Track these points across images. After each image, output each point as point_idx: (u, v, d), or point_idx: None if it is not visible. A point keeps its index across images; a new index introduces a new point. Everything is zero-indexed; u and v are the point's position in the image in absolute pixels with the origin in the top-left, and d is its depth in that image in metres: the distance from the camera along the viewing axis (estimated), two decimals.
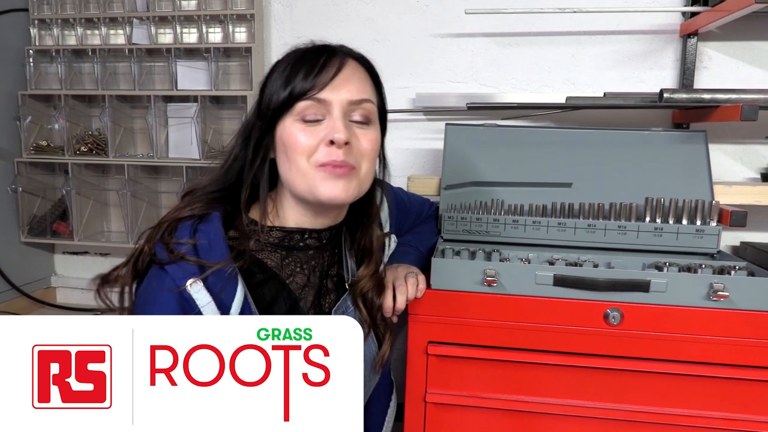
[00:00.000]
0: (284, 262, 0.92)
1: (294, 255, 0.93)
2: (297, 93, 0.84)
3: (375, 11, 1.74)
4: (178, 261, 0.80)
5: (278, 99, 0.86)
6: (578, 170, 1.39)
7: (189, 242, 0.82)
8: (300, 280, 0.93)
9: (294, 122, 0.85)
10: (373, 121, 0.90)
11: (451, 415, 1.15)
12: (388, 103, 1.70)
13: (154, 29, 1.80)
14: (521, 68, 1.69)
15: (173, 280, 0.79)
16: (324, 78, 0.84)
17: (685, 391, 1.06)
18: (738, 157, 1.62)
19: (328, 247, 0.97)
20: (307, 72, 0.85)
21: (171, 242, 0.82)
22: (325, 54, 0.87)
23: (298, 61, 0.87)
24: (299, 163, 0.85)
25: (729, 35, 1.56)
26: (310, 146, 0.84)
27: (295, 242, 0.93)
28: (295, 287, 0.92)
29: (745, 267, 1.13)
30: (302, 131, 0.85)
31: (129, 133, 1.90)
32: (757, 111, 1.22)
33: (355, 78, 0.88)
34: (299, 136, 0.85)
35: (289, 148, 0.86)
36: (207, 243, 0.83)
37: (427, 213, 1.36)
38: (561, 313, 1.08)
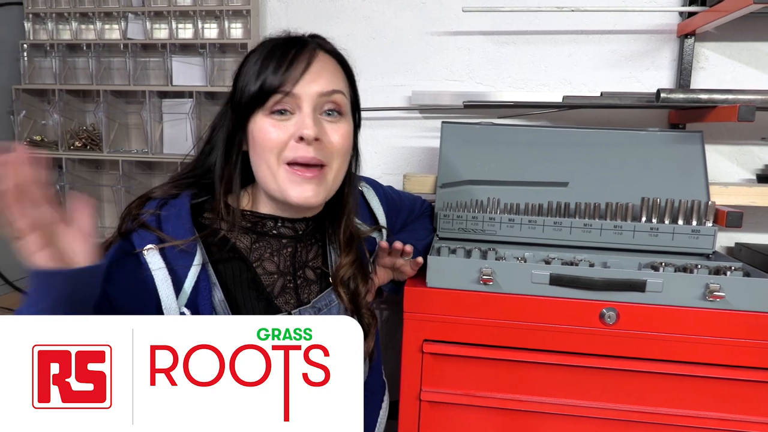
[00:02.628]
0: (254, 245, 0.92)
1: (265, 240, 0.93)
2: (267, 87, 0.84)
3: (371, 8, 1.73)
4: (138, 228, 0.82)
5: (249, 93, 0.85)
6: (575, 170, 1.40)
7: (151, 212, 0.85)
8: (269, 266, 0.92)
9: (264, 117, 0.85)
10: (344, 113, 0.90)
11: (446, 414, 1.15)
12: (383, 100, 1.72)
13: (149, 24, 1.79)
14: (518, 67, 1.69)
15: (132, 246, 0.81)
16: (294, 73, 0.84)
17: (680, 391, 1.07)
18: (734, 158, 1.63)
19: (305, 238, 0.97)
20: (277, 65, 0.84)
21: (138, 212, 0.85)
22: (295, 47, 0.86)
23: (269, 53, 0.86)
24: (269, 160, 0.85)
25: (726, 36, 1.56)
26: (280, 142, 0.84)
27: (267, 228, 0.93)
28: (263, 272, 0.91)
29: (741, 268, 1.14)
30: (273, 126, 0.85)
31: (123, 129, 1.88)
32: (754, 112, 1.23)
33: (325, 71, 0.87)
34: (269, 131, 0.85)
35: (259, 144, 0.85)
36: (170, 215, 0.85)
37: (419, 211, 1.36)
38: (557, 312, 1.08)
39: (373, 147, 1.76)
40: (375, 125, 1.74)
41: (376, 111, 1.70)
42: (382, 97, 1.73)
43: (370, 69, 1.73)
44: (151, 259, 0.80)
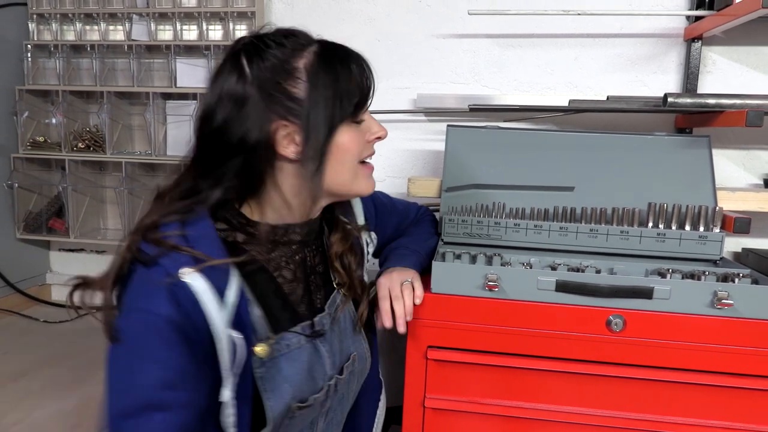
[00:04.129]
0: (271, 255, 0.90)
1: (280, 249, 0.92)
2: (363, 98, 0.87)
3: (377, 10, 1.73)
4: (170, 252, 0.77)
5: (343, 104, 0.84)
6: (580, 174, 1.38)
7: (178, 233, 0.79)
8: (287, 275, 0.92)
9: (350, 125, 0.86)
10: None
11: (450, 421, 1.14)
12: (388, 103, 1.71)
13: (153, 26, 1.79)
14: (523, 70, 1.68)
15: (165, 270, 0.75)
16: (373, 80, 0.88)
17: (687, 399, 1.05)
18: (741, 163, 1.62)
19: (309, 243, 0.97)
20: (364, 74, 0.86)
21: (158, 236, 0.78)
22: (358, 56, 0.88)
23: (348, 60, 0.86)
24: (352, 163, 0.88)
25: (734, 40, 1.55)
26: (362, 145, 0.88)
27: (279, 236, 0.91)
28: (283, 281, 0.91)
29: (749, 274, 1.12)
30: (357, 131, 0.87)
31: (127, 130, 1.88)
32: (763, 117, 1.21)
33: None
34: (356, 137, 0.87)
35: (346, 151, 0.86)
36: (198, 235, 0.80)
37: (415, 215, 1.34)
38: (563, 319, 1.07)
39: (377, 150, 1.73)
40: None
41: (382, 114, 1.69)
42: (387, 100, 1.72)
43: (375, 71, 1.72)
44: (192, 281, 0.75)
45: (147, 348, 0.73)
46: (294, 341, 0.88)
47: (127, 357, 0.75)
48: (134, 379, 0.73)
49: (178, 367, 0.74)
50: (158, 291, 0.75)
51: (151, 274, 0.77)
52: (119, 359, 0.75)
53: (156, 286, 0.75)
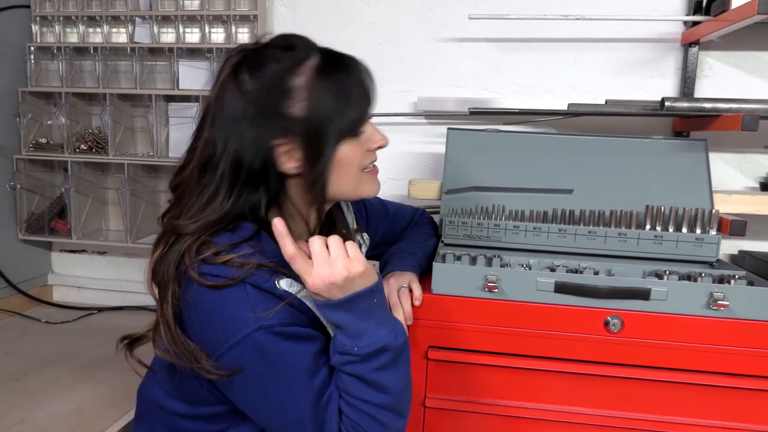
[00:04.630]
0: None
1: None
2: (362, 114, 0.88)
3: (378, 14, 1.74)
4: (257, 269, 0.78)
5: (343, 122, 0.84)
6: (579, 177, 1.40)
7: (254, 248, 0.80)
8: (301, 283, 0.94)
9: (351, 138, 0.87)
10: None
11: (451, 421, 1.15)
12: (389, 106, 1.73)
13: (156, 28, 1.80)
14: (523, 74, 1.70)
15: (255, 287, 0.78)
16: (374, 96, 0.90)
17: (684, 399, 1.07)
18: (737, 166, 1.63)
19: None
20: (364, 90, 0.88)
21: (231, 257, 0.78)
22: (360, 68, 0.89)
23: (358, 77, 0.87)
24: (355, 173, 0.90)
25: (730, 45, 1.57)
26: (363, 156, 0.90)
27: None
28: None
29: (745, 276, 1.14)
30: (357, 143, 0.88)
31: (129, 132, 1.89)
32: (758, 121, 1.23)
33: None
34: (357, 151, 0.88)
35: (347, 164, 0.87)
36: (266, 247, 0.82)
37: (411, 217, 1.36)
38: (561, 319, 1.08)
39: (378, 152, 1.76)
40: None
41: (382, 117, 1.71)
42: (387, 103, 1.73)
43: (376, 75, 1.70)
44: (290, 288, 0.81)
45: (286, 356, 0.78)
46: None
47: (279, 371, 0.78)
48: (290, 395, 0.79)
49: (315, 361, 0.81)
50: (265, 304, 0.78)
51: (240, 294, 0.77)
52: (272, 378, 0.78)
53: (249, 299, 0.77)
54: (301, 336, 0.80)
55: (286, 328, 0.77)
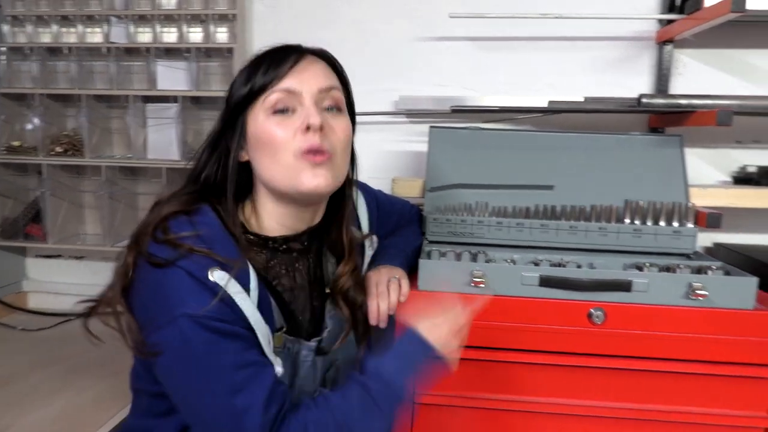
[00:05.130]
0: (269, 264, 0.92)
1: (279, 257, 0.93)
2: (258, 85, 0.86)
3: (360, 14, 1.75)
4: (189, 255, 0.78)
5: (240, 95, 0.87)
6: (560, 173, 1.42)
7: (193, 234, 0.80)
8: (286, 282, 0.93)
9: (267, 117, 0.86)
10: (343, 109, 0.92)
11: (440, 416, 1.16)
12: (370, 105, 1.73)
13: (132, 28, 1.78)
14: (503, 72, 1.72)
15: (188, 273, 0.77)
16: (283, 68, 0.86)
17: (666, 387, 1.09)
18: (711, 161, 1.68)
19: (311, 250, 0.98)
20: (267, 67, 0.87)
21: (171, 238, 0.79)
22: (282, 50, 0.89)
23: (257, 60, 0.89)
24: (280, 156, 0.85)
25: (703, 43, 1.61)
26: (286, 137, 0.85)
27: (278, 244, 0.93)
28: (282, 289, 0.92)
29: (721, 267, 1.17)
30: (277, 125, 0.85)
31: (106, 134, 1.86)
32: (732, 116, 1.27)
33: (317, 67, 0.90)
34: (275, 129, 0.85)
35: (267, 143, 0.86)
36: (212, 235, 0.82)
37: (408, 215, 1.37)
38: (546, 313, 1.10)
39: (361, 151, 1.75)
40: (363, 129, 1.71)
41: (365, 116, 1.71)
42: (370, 102, 1.73)
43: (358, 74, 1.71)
44: (221, 281, 0.78)
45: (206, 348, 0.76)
46: (303, 353, 0.92)
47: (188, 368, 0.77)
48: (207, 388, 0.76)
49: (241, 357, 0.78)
50: (190, 293, 0.77)
51: (171, 277, 0.77)
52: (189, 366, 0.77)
53: (183, 287, 0.77)
54: (226, 332, 0.77)
55: (211, 321, 0.76)
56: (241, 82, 0.88)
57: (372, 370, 0.84)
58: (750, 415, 1.07)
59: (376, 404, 0.81)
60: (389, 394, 0.83)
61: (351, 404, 0.81)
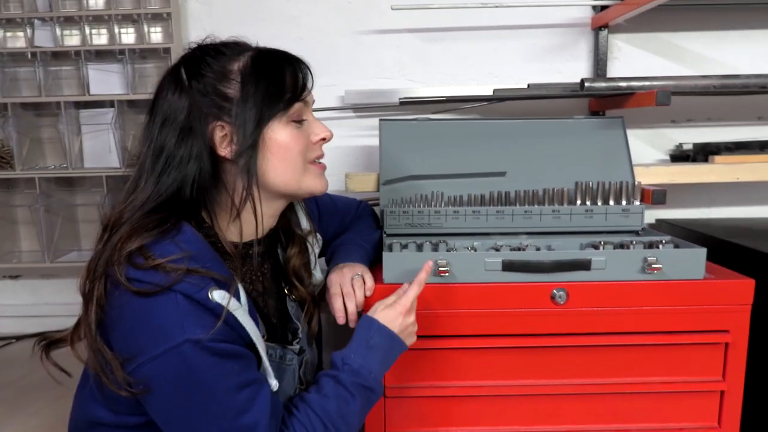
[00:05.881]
0: (243, 270, 0.91)
1: (248, 263, 0.93)
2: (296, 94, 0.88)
3: (298, 8, 1.72)
4: (186, 276, 0.75)
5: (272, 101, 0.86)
6: (510, 159, 1.44)
7: (183, 255, 0.76)
8: (258, 288, 0.94)
9: (287, 124, 0.88)
10: None
11: (411, 407, 1.16)
12: (316, 101, 1.70)
13: (59, 30, 1.68)
14: (446, 63, 1.73)
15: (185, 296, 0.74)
16: (309, 80, 0.93)
17: (629, 359, 1.13)
18: (648, 141, 1.75)
19: (271, 253, 0.98)
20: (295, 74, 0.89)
21: (160, 262, 0.75)
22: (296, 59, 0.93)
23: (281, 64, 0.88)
24: (296, 162, 0.89)
25: (636, 27, 1.67)
26: (304, 145, 0.90)
27: (246, 250, 0.92)
28: (256, 295, 0.92)
29: (671, 240, 1.22)
30: (299, 131, 0.89)
31: (36, 144, 1.76)
32: (670, 96, 1.32)
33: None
34: (296, 137, 0.88)
35: (286, 148, 0.87)
36: (200, 254, 0.79)
37: (356, 211, 1.36)
38: (510, 297, 1.12)
39: None
40: None
41: None
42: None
43: None
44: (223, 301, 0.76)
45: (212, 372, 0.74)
46: (288, 357, 0.93)
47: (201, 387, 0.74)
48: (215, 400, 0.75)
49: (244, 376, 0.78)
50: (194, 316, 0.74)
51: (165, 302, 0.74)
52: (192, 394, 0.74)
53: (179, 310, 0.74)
54: (229, 353, 0.76)
55: (215, 344, 0.74)
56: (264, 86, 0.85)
57: (339, 363, 0.89)
58: (707, 380, 1.12)
59: (350, 393, 0.87)
60: (360, 381, 0.88)
61: (328, 399, 0.85)
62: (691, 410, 1.14)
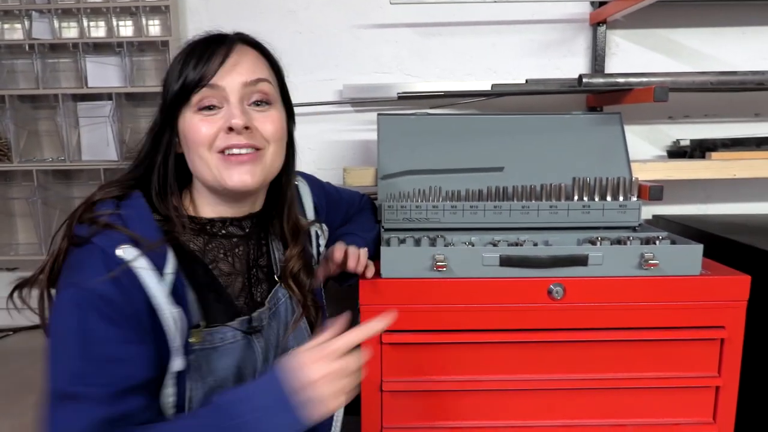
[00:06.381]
0: (207, 247, 0.90)
1: (217, 241, 0.92)
2: (189, 83, 0.84)
3: (296, 2, 1.71)
4: (104, 230, 0.77)
5: (173, 92, 0.85)
6: (508, 154, 1.45)
7: (110, 212, 0.80)
8: (224, 267, 0.91)
9: (193, 114, 0.85)
10: (272, 102, 0.90)
11: (408, 402, 1.16)
12: (314, 95, 1.71)
13: (57, 22, 1.67)
14: (444, 57, 1.73)
15: (99, 248, 0.76)
16: (213, 65, 0.84)
17: (625, 355, 1.14)
18: (645, 137, 1.75)
19: (252, 236, 0.97)
20: (197, 62, 0.85)
21: (92, 215, 0.79)
22: (215, 42, 0.87)
23: (189, 52, 0.87)
24: (202, 154, 0.85)
25: (634, 23, 1.67)
26: (209, 135, 0.84)
27: (217, 229, 0.92)
28: (219, 273, 0.91)
29: (667, 237, 1.23)
30: (201, 122, 0.85)
31: (34, 136, 1.75)
32: (668, 92, 1.33)
33: (247, 61, 0.88)
34: (199, 127, 0.85)
35: (191, 140, 0.86)
36: (132, 215, 0.81)
37: (359, 204, 1.37)
38: (508, 292, 1.12)
39: (306, 143, 1.73)
40: (307, 121, 1.72)
41: (308, 106, 1.68)
42: (312, 92, 1.71)
43: (298, 64, 1.71)
44: (129, 257, 0.75)
45: (75, 324, 0.73)
46: (229, 335, 0.88)
47: (55, 337, 0.74)
48: (59, 360, 0.73)
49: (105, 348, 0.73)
50: (91, 267, 0.75)
51: (84, 252, 0.77)
52: (52, 339, 0.75)
53: (90, 262, 0.75)
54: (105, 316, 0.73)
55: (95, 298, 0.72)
56: (174, 76, 0.86)
57: (214, 400, 0.75)
58: (702, 375, 1.14)
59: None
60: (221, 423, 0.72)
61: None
62: (687, 405, 1.15)
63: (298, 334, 0.99)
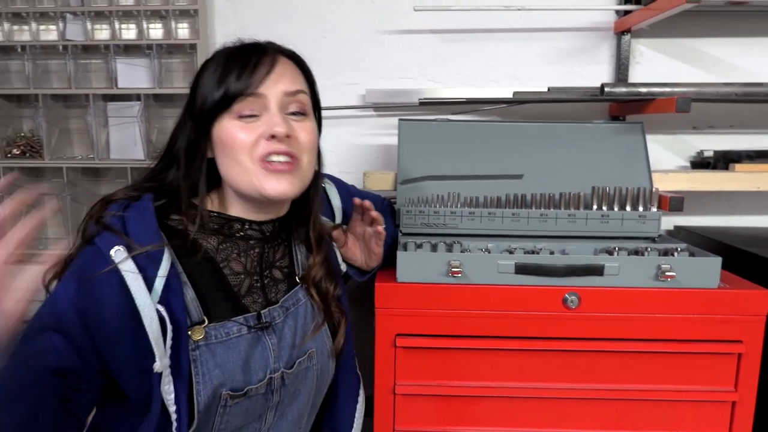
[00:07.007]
0: (220, 246, 0.93)
1: (232, 241, 0.94)
2: (232, 92, 0.86)
3: (321, 7, 1.74)
4: (102, 231, 0.82)
5: (213, 99, 0.87)
6: (528, 162, 1.45)
7: (113, 213, 0.84)
8: (236, 267, 0.93)
9: (231, 120, 0.87)
10: (308, 113, 0.93)
11: (421, 405, 1.17)
12: (337, 99, 1.73)
13: (89, 24, 1.72)
14: (467, 64, 1.74)
15: (97, 249, 0.80)
16: (258, 75, 0.87)
17: (640, 367, 1.13)
18: (669, 147, 1.74)
19: (273, 239, 0.99)
20: (240, 71, 0.86)
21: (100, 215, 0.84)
22: (256, 52, 0.89)
23: (229, 60, 0.88)
24: (241, 160, 0.87)
25: (659, 32, 1.66)
26: (249, 142, 0.86)
27: (234, 230, 0.94)
28: (229, 272, 0.92)
29: (686, 248, 1.22)
30: (241, 129, 0.86)
31: (65, 134, 1.80)
32: (690, 103, 1.32)
33: (288, 72, 0.90)
34: (238, 133, 0.86)
35: (229, 146, 0.87)
36: (134, 216, 0.84)
37: (380, 207, 1.38)
38: (523, 299, 1.13)
39: (328, 146, 1.75)
40: (330, 124, 1.74)
41: (331, 110, 1.71)
42: (335, 96, 1.73)
43: (322, 68, 1.69)
44: (118, 259, 0.80)
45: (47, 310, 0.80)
46: (234, 330, 0.89)
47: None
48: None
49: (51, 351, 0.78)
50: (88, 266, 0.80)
51: (87, 252, 0.82)
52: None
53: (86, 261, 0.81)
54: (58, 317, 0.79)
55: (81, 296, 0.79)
56: (213, 82, 0.87)
57: None
58: (718, 389, 1.13)
59: None
60: None
61: None
62: (702, 420, 1.14)
63: (317, 339, 1.00)
